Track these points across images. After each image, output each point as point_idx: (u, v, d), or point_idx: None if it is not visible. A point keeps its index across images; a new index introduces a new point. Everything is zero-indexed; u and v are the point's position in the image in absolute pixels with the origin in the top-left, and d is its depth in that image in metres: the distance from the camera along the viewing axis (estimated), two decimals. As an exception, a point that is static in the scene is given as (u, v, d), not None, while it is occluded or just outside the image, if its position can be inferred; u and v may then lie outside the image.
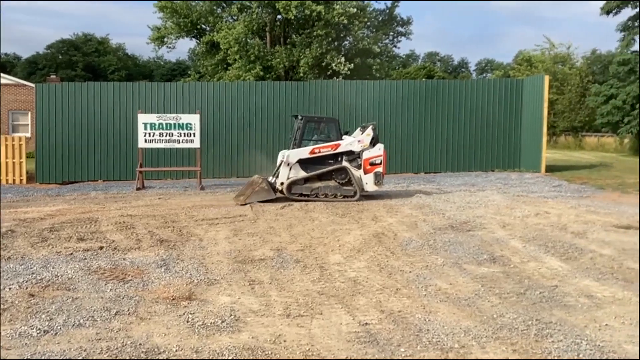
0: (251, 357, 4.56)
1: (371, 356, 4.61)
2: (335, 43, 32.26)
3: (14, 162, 18.57)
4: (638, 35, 30.90)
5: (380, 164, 12.99)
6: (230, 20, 32.87)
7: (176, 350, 4.70)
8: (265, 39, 32.29)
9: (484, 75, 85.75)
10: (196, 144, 16.04)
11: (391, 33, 36.52)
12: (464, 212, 11.25)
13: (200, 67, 37.21)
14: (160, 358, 4.55)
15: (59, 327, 5.21)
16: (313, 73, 30.72)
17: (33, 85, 25.11)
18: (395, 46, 38.63)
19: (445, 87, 20.39)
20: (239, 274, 7.13)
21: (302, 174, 12.90)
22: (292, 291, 6.38)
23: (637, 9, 30.83)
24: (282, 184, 12.90)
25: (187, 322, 5.37)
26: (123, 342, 4.84)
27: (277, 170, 13.20)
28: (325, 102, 19.63)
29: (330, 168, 12.97)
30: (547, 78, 19.27)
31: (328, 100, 19.65)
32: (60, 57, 59.84)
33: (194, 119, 16.04)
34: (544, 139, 19.09)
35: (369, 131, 13.11)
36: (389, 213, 11.26)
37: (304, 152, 12.95)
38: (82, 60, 59.15)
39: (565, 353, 4.68)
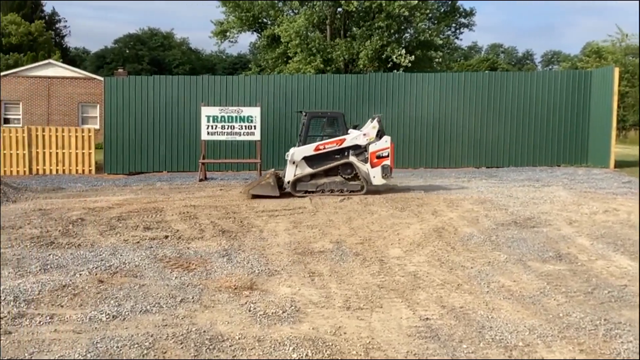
0: (312, 348, 4.60)
1: (432, 351, 4.57)
2: (396, 35, 31.94)
3: (83, 153, 19.32)
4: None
5: (388, 156, 12.75)
6: (291, 14, 33.06)
7: (239, 339, 4.79)
8: (326, 32, 32.32)
9: (550, 67, 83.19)
10: (257, 136, 16.24)
11: (453, 24, 35.87)
12: (528, 208, 10.96)
13: (261, 60, 37.62)
14: (224, 345, 4.66)
15: (127, 313, 5.40)
16: (373, 66, 30.54)
17: (102, 78, 26.03)
18: (457, 38, 37.99)
19: (509, 80, 19.89)
20: (298, 265, 7.19)
21: (308, 170, 12.81)
22: (351, 284, 6.39)
23: None
24: (288, 182, 12.82)
25: (249, 311, 5.46)
26: (188, 329, 4.97)
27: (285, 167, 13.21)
28: (385, 95, 19.49)
29: (336, 163, 12.83)
30: (617, 70, 18.52)
31: (388, 93, 19.50)
32: (127, 51, 61.71)
33: (254, 112, 16.25)
34: (613, 133, 18.35)
35: (375, 124, 12.89)
36: (450, 207, 11.09)
37: (309, 149, 12.82)
38: (148, 55, 60.79)
39: (635, 354, 4.51)
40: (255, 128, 16.17)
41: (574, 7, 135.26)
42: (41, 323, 5.16)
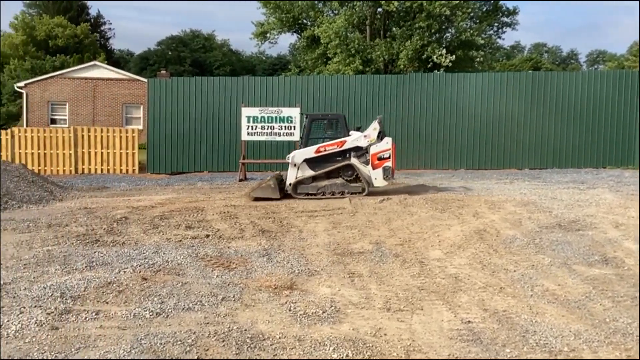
0: (352, 349, 4.59)
1: (474, 355, 4.51)
2: (437, 35, 31.61)
3: (127, 153, 19.74)
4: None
5: (389, 158, 12.62)
6: (331, 15, 33.08)
7: (279, 338, 4.81)
8: (365, 33, 32.22)
9: (596, 67, 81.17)
10: (296, 136, 16.30)
11: (495, 24, 35.29)
12: (573, 210, 10.71)
13: (301, 61, 37.74)
14: (265, 344, 4.69)
15: (170, 310, 5.49)
16: (413, 66, 30.30)
17: (145, 80, 26.53)
18: (499, 37, 37.35)
19: (554, 79, 19.52)
20: (338, 266, 7.19)
21: (310, 172, 12.74)
22: (391, 285, 6.36)
23: None
24: (290, 184, 12.77)
25: (289, 310, 5.49)
26: (229, 327, 5.03)
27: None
28: (425, 96, 19.35)
29: (337, 165, 12.76)
30: (667, 69, 17.95)
31: (428, 93, 19.35)
32: (169, 53, 62.67)
33: (294, 112, 16.33)
34: (662, 134, 17.82)
35: (375, 125, 12.76)
36: (491, 209, 10.92)
37: (310, 152, 12.78)
38: (190, 56, 61.59)
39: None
40: (294, 128, 16.25)
41: (619, 6, 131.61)
42: (87, 319, 5.29)
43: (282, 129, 16.26)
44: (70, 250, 7.97)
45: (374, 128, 12.79)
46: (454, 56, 29.09)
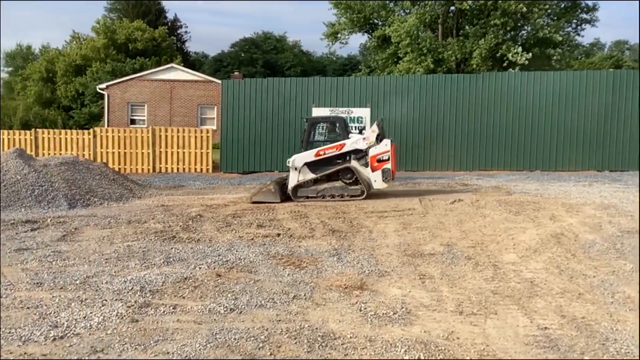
0: (424, 351, 4.55)
1: (551, 362, 4.37)
2: (512, 33, 30.78)
3: (201, 153, 20.31)
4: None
5: (388, 160, 12.44)
6: (402, 14, 32.82)
7: (350, 338, 4.83)
8: (437, 32, 31.79)
9: (682, 63, 76.63)
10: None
11: (574, 20, 33.99)
12: (658, 214, 10.18)
13: (371, 61, 37.64)
14: (336, 344, 4.72)
15: (243, 306, 5.61)
16: (486, 65, 29.62)
17: (219, 81, 27.15)
18: (578, 34, 35.96)
19: (636, 78, 18.58)
20: (408, 267, 7.13)
21: (311, 176, 12.69)
22: (464, 288, 6.25)
23: None
24: (291, 188, 12.72)
25: (360, 311, 5.49)
26: (301, 325, 5.09)
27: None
28: (499, 95, 18.87)
29: (337, 168, 12.66)
30: None
31: (503, 92, 18.87)
32: (242, 54, 63.88)
33: (364, 113, 16.36)
34: None
35: (374, 127, 12.65)
36: (569, 213, 10.54)
37: (310, 155, 12.71)
38: (262, 58, 62.54)
39: None
40: (364, 129, 16.23)
41: None
42: (165, 313, 5.48)
43: (352, 129, 16.26)
44: (149, 246, 8.28)
45: (372, 130, 12.80)
46: (530, 54, 28.27)
